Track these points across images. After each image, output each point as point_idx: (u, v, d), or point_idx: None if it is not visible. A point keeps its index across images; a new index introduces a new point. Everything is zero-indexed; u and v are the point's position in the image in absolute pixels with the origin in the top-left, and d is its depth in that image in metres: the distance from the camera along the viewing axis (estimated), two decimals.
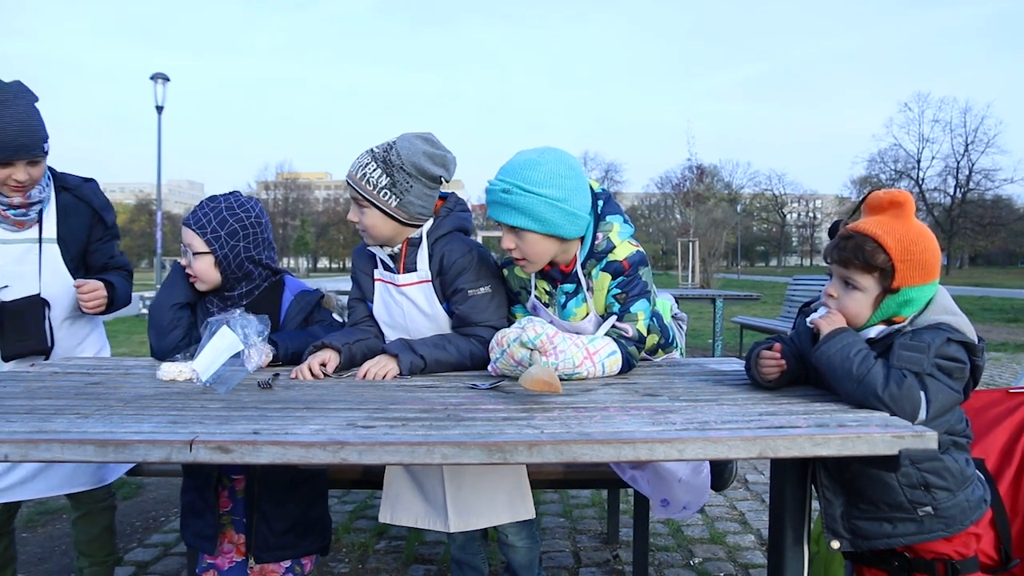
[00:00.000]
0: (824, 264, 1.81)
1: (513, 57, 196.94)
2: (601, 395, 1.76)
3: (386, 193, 2.11)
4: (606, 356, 1.98)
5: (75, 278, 2.38)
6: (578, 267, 2.08)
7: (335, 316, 2.44)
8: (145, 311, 14.43)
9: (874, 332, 1.70)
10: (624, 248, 2.06)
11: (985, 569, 1.79)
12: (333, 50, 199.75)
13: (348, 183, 2.17)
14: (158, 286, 16.94)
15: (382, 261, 2.26)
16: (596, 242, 2.06)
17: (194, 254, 2.23)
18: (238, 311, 2.09)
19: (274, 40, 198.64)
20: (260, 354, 2.03)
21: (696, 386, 1.87)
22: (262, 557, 2.13)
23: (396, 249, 2.22)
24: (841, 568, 2.10)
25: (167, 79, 18.30)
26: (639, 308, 2.05)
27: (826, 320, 1.70)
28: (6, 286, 2.29)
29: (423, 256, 2.20)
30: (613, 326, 2.04)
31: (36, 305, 2.32)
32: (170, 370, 2.00)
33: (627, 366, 2.04)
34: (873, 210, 1.71)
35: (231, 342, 1.98)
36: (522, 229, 1.99)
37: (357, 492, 3.96)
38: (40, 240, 2.35)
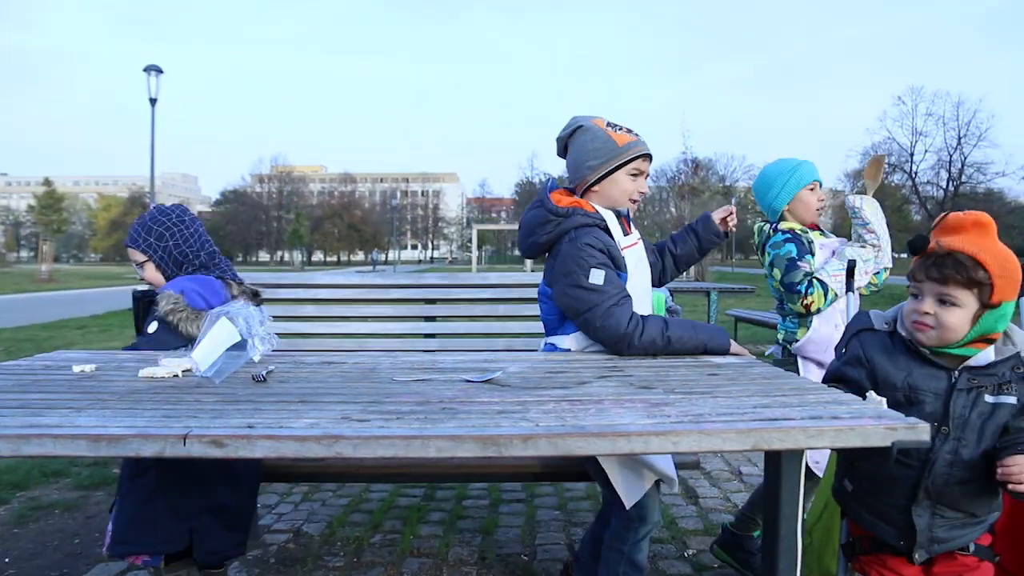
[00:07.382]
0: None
1: (511, 49, 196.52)
2: (596, 388, 1.76)
3: None
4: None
5: None
6: None
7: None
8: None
9: (983, 360, 1.73)
10: None
11: None
12: (332, 42, 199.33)
13: (648, 156, 2.32)
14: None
15: (621, 229, 2.35)
16: None
17: (138, 264, 2.51)
18: (239, 302, 2.10)
19: (272, 32, 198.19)
20: (265, 343, 2.03)
21: (691, 379, 1.87)
22: (113, 549, 2.16)
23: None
24: (834, 559, 2.12)
25: (160, 71, 18.26)
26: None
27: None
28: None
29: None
30: None
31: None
32: (149, 370, 1.92)
33: None
34: (953, 230, 1.73)
35: (228, 333, 1.99)
36: None
37: (352, 486, 3.95)
38: None
